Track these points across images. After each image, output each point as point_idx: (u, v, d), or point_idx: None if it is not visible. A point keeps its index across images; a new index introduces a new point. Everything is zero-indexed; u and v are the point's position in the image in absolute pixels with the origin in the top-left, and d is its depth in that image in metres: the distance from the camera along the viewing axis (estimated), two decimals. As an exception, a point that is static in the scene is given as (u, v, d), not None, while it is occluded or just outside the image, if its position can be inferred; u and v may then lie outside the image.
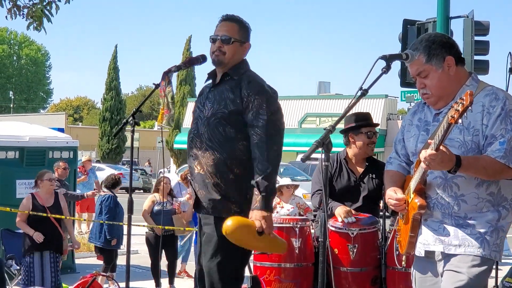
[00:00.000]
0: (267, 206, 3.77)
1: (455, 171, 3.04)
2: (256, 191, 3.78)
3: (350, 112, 3.99)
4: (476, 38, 9.21)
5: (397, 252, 4.88)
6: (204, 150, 3.95)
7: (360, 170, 5.39)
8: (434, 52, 3.27)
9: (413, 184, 3.29)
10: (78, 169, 13.26)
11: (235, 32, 4.03)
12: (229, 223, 3.71)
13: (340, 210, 5.10)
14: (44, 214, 7.53)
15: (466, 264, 3.16)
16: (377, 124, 5.51)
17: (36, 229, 7.43)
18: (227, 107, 3.92)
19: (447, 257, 3.23)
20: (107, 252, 8.65)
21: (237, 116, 3.91)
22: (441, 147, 2.97)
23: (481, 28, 9.54)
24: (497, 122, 3.14)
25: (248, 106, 3.88)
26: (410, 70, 3.37)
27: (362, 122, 5.36)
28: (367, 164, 5.42)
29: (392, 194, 3.37)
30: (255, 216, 3.75)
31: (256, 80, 3.99)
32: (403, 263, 3.77)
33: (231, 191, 3.92)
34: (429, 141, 3.07)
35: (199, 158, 3.97)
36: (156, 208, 8.54)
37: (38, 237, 7.36)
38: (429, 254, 3.32)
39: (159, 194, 8.62)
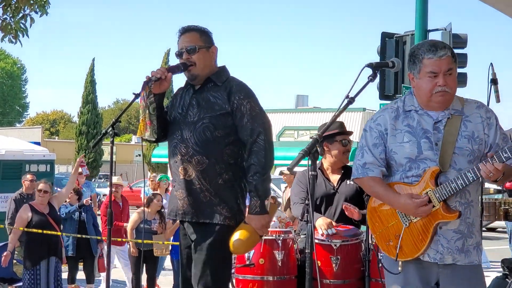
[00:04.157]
0: (265, 210, 3.89)
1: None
2: (254, 195, 3.84)
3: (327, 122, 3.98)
4: (454, 51, 9.26)
5: (380, 264, 4.84)
6: (191, 155, 3.91)
7: (336, 177, 5.39)
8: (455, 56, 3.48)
9: (440, 192, 3.34)
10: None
11: (197, 40, 4.03)
12: (236, 241, 3.83)
13: (320, 222, 5.07)
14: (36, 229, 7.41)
15: (470, 275, 3.40)
16: (351, 132, 5.52)
17: (41, 235, 7.46)
18: (215, 111, 3.91)
19: (449, 266, 3.42)
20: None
21: (226, 120, 3.91)
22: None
23: (459, 41, 9.63)
24: (497, 132, 3.43)
25: (240, 109, 3.90)
26: (438, 65, 3.41)
27: (336, 130, 5.36)
28: (342, 171, 5.41)
29: (417, 201, 3.38)
30: (257, 223, 3.86)
31: (244, 83, 4.03)
32: (399, 268, 3.64)
33: (220, 195, 3.90)
34: (488, 154, 3.27)
35: (185, 163, 3.92)
36: (142, 226, 8.42)
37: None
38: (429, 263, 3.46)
39: (148, 210, 8.51)
